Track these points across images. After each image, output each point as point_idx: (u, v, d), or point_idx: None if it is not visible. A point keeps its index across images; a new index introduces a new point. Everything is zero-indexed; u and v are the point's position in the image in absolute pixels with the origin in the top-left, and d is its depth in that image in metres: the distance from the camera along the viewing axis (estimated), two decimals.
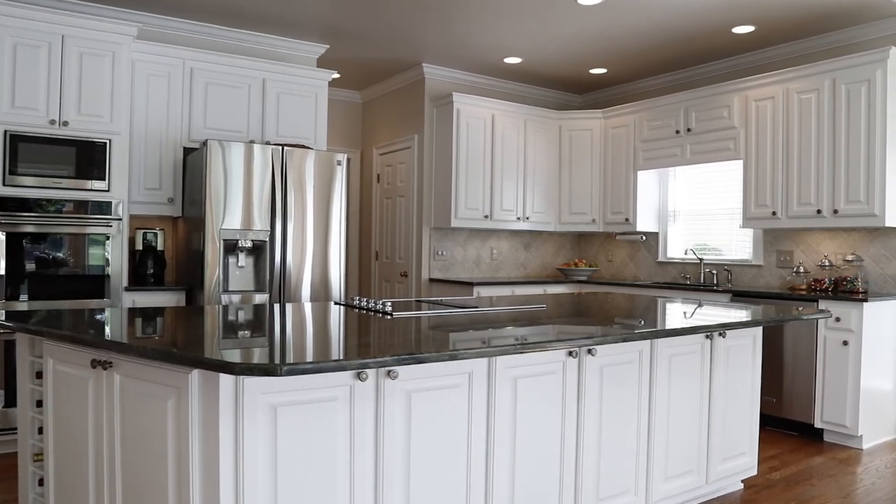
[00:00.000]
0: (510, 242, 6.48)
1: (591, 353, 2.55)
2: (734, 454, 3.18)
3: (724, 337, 3.08)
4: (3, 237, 3.78)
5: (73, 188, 3.97)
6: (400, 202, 6.37)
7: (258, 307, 3.03)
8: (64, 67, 3.93)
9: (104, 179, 4.06)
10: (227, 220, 4.17)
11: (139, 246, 4.53)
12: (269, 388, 1.83)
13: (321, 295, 4.53)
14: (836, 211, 4.41)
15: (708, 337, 3.01)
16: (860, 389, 4.02)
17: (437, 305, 3.08)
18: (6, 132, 3.77)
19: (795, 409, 4.34)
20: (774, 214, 4.78)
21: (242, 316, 2.65)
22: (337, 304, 3.20)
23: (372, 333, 2.21)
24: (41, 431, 2.42)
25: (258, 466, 1.81)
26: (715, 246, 5.63)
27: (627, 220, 5.97)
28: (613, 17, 4.63)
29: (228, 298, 4.19)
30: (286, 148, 4.38)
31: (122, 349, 1.90)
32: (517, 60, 5.74)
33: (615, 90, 6.60)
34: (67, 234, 3.96)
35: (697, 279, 5.68)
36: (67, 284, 3.96)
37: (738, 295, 4.72)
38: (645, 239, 6.20)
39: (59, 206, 3.93)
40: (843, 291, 4.46)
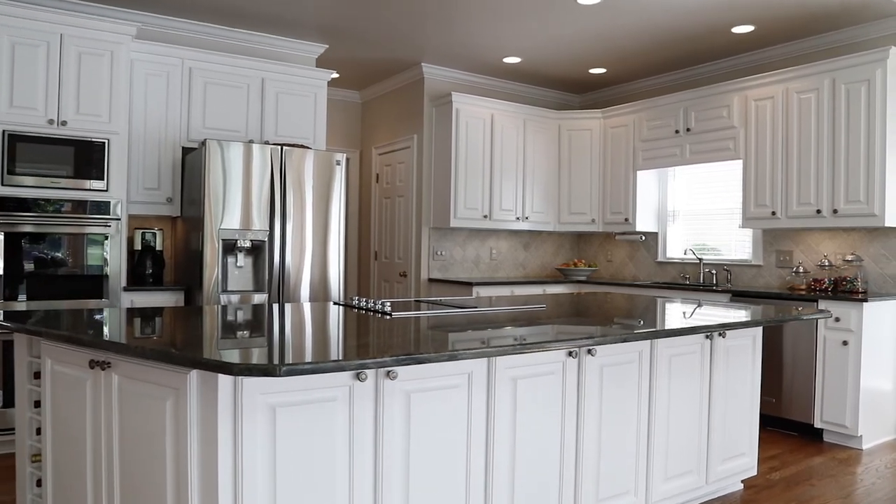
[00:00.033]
0: (509, 242, 6.48)
1: (590, 353, 2.55)
2: (734, 454, 3.18)
3: (723, 337, 3.08)
4: (1, 237, 3.77)
5: (71, 188, 3.96)
6: (399, 202, 6.37)
7: (257, 307, 3.02)
8: (62, 67, 3.92)
9: (103, 179, 4.05)
10: (225, 219, 4.16)
11: (138, 246, 4.53)
12: (268, 388, 1.82)
13: (320, 295, 4.52)
14: (835, 211, 4.41)
15: (708, 337, 3.01)
16: (860, 389, 4.02)
17: (436, 305, 3.08)
18: (4, 132, 3.76)
19: (795, 409, 4.33)
20: (774, 214, 4.78)
21: (241, 316, 2.64)
22: (336, 304, 3.19)
23: (371, 334, 2.20)
24: (39, 432, 2.41)
25: (257, 467, 1.81)
26: (714, 246, 5.63)
27: (627, 220, 5.97)
28: (613, 16, 4.63)
29: (227, 298, 4.19)
30: (285, 148, 4.37)
31: (120, 349, 1.89)
32: (516, 60, 5.74)
33: (615, 90, 6.60)
34: (66, 234, 3.95)
35: (697, 279, 5.67)
36: (66, 284, 3.96)
37: (737, 295, 4.72)
38: (644, 239, 6.19)
39: (57, 205, 3.92)
40: (842, 291, 4.46)
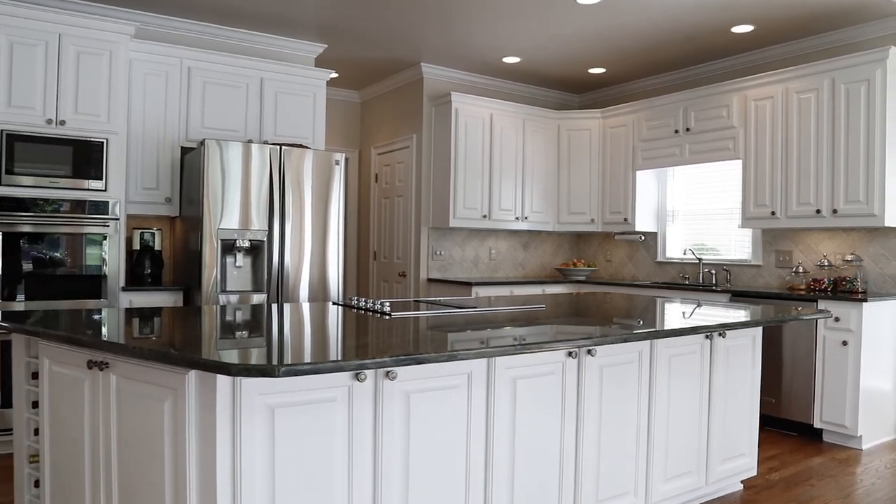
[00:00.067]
0: (509, 242, 6.47)
1: (590, 353, 2.54)
2: (734, 455, 3.18)
3: (723, 337, 3.07)
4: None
5: (70, 188, 3.95)
6: (398, 202, 6.36)
7: (256, 307, 3.02)
8: (61, 66, 3.91)
9: (101, 179, 4.04)
10: (224, 219, 4.15)
11: (136, 246, 4.52)
12: (266, 389, 1.81)
13: (319, 295, 4.52)
14: (835, 211, 4.40)
15: (707, 337, 3.01)
16: (859, 389, 4.02)
17: (435, 306, 3.07)
18: (3, 131, 3.75)
19: (795, 409, 4.33)
20: (773, 214, 4.77)
21: (240, 316, 2.63)
22: (335, 304, 3.18)
23: (370, 334, 2.19)
24: (37, 433, 2.40)
25: (256, 468, 1.80)
26: (714, 246, 5.63)
27: (626, 219, 5.97)
28: (612, 16, 4.62)
29: (226, 298, 4.18)
30: (284, 147, 4.37)
31: (118, 350, 1.88)
32: (516, 60, 5.73)
33: (614, 90, 6.59)
34: (64, 233, 3.94)
35: (696, 279, 5.67)
36: (64, 284, 3.95)
37: (737, 295, 4.72)
38: (644, 239, 6.19)
39: (56, 205, 3.91)
40: (842, 291, 4.45)
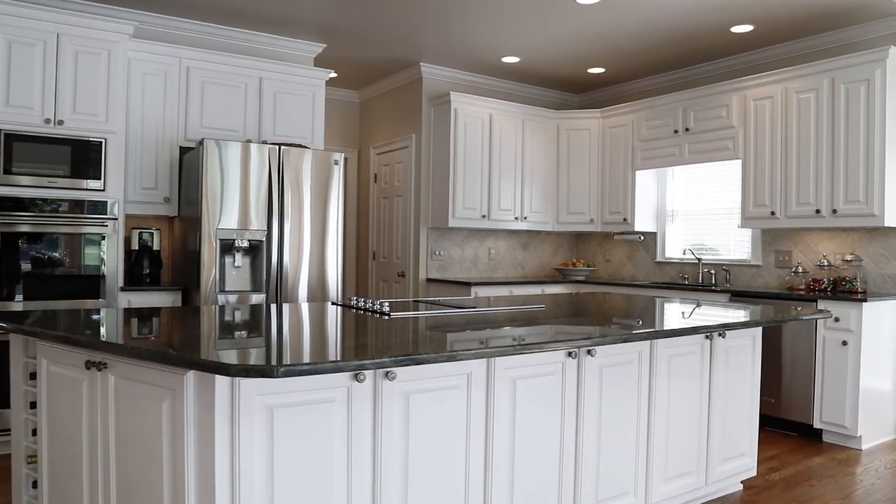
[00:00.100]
0: (508, 242, 6.46)
1: (590, 353, 2.54)
2: (734, 455, 3.17)
3: (723, 337, 3.07)
4: None
5: (68, 188, 3.94)
6: (397, 202, 6.36)
7: (255, 307, 3.01)
8: (59, 66, 3.90)
9: (100, 179, 4.03)
10: (223, 219, 4.15)
11: (135, 246, 4.51)
12: (265, 389, 1.81)
13: (318, 295, 4.51)
14: (834, 211, 4.40)
15: (707, 337, 3.00)
16: (859, 390, 4.02)
17: (434, 306, 3.06)
18: (1, 131, 3.74)
19: (794, 409, 4.33)
20: (773, 214, 4.77)
21: (239, 316, 2.63)
22: (334, 304, 3.18)
23: (369, 334, 2.19)
24: (35, 433, 2.40)
25: (255, 469, 1.79)
26: (713, 246, 5.62)
27: (625, 219, 5.96)
28: (612, 16, 4.62)
29: (225, 299, 4.17)
30: (283, 147, 4.36)
31: (116, 350, 1.88)
32: (515, 60, 5.73)
33: (613, 90, 6.59)
34: (63, 233, 3.93)
35: (696, 279, 5.67)
36: (63, 284, 3.94)
37: (736, 295, 4.71)
38: (643, 239, 6.19)
39: (54, 205, 3.90)
40: (841, 291, 4.45)
